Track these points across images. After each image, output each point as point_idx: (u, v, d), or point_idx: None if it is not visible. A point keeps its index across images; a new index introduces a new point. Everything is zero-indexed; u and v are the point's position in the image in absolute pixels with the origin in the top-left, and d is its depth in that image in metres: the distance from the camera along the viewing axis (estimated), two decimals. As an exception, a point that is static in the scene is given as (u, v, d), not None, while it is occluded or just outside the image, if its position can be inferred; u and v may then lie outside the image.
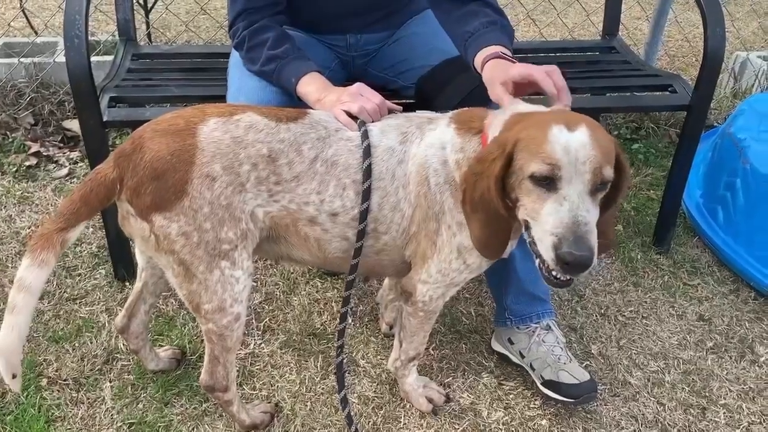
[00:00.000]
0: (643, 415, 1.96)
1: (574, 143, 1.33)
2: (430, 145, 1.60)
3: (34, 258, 1.46)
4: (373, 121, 1.67)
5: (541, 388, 1.92)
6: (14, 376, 1.48)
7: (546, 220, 1.35)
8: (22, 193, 2.72)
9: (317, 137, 1.60)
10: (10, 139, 3.00)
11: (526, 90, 1.62)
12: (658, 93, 2.47)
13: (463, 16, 1.83)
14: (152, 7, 3.62)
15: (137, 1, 3.60)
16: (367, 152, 1.59)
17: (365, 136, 1.61)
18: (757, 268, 2.42)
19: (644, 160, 3.19)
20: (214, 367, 1.70)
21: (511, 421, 1.91)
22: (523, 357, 1.99)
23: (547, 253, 1.34)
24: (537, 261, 1.43)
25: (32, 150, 2.95)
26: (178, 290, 1.60)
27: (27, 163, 2.89)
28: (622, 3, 2.90)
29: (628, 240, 2.65)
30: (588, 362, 2.11)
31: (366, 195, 1.58)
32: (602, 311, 2.32)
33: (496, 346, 2.10)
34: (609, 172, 1.36)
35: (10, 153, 2.94)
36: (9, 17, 4.09)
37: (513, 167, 1.40)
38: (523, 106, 1.55)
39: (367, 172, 1.58)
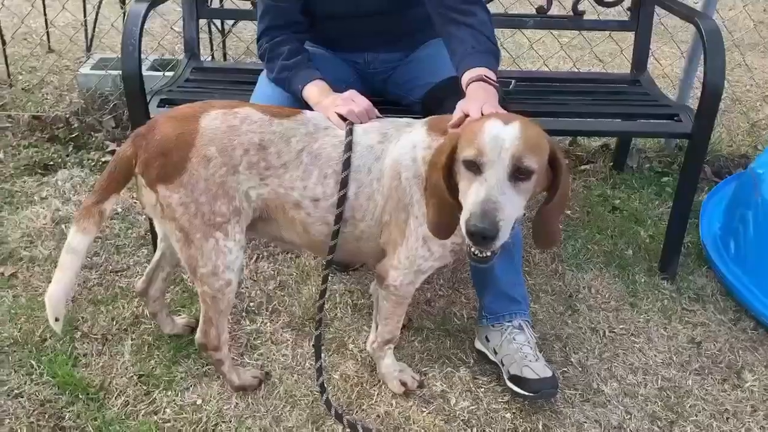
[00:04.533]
0: (608, 421, 2.02)
1: (502, 134, 1.52)
2: (404, 145, 1.82)
3: (78, 226, 1.77)
4: (360, 123, 1.90)
5: (507, 382, 2.04)
6: (57, 320, 1.78)
7: (468, 199, 1.53)
8: (94, 182, 3.13)
9: (306, 132, 1.85)
10: (93, 138, 3.46)
11: None
12: (663, 121, 2.55)
13: (461, 39, 2.06)
14: (229, 32, 4.06)
15: (216, 27, 4.07)
16: (348, 147, 1.82)
17: (349, 133, 1.84)
18: (760, 299, 2.42)
19: (671, 193, 3.21)
20: (207, 327, 1.95)
21: (476, 411, 2.04)
22: (496, 353, 2.12)
23: (463, 227, 1.51)
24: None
25: (110, 148, 3.39)
26: (179, 255, 1.88)
27: (103, 159, 3.32)
28: (654, 43, 3.00)
29: (634, 264, 2.71)
30: (565, 369, 2.20)
31: (344, 183, 1.81)
32: (593, 326, 2.40)
33: (477, 345, 2.23)
34: (530, 162, 1.52)
35: (92, 150, 3.39)
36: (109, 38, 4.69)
37: (456, 156, 1.59)
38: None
39: (346, 164, 1.81)
